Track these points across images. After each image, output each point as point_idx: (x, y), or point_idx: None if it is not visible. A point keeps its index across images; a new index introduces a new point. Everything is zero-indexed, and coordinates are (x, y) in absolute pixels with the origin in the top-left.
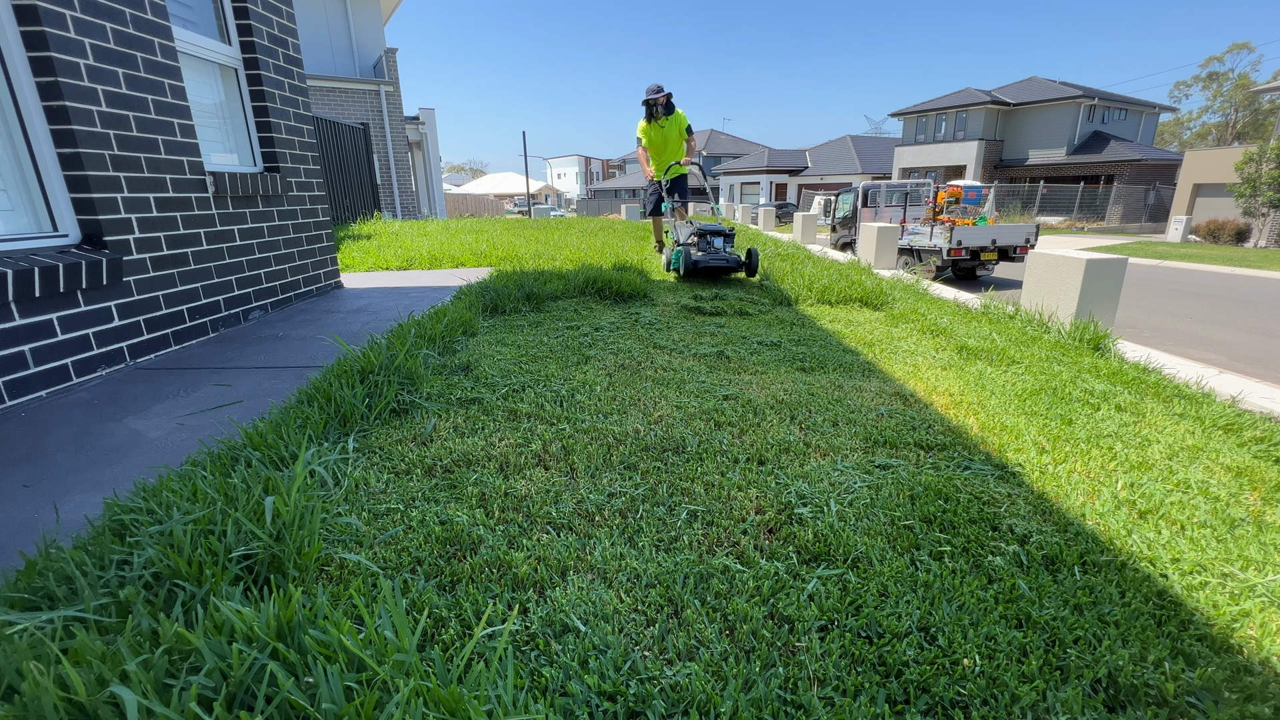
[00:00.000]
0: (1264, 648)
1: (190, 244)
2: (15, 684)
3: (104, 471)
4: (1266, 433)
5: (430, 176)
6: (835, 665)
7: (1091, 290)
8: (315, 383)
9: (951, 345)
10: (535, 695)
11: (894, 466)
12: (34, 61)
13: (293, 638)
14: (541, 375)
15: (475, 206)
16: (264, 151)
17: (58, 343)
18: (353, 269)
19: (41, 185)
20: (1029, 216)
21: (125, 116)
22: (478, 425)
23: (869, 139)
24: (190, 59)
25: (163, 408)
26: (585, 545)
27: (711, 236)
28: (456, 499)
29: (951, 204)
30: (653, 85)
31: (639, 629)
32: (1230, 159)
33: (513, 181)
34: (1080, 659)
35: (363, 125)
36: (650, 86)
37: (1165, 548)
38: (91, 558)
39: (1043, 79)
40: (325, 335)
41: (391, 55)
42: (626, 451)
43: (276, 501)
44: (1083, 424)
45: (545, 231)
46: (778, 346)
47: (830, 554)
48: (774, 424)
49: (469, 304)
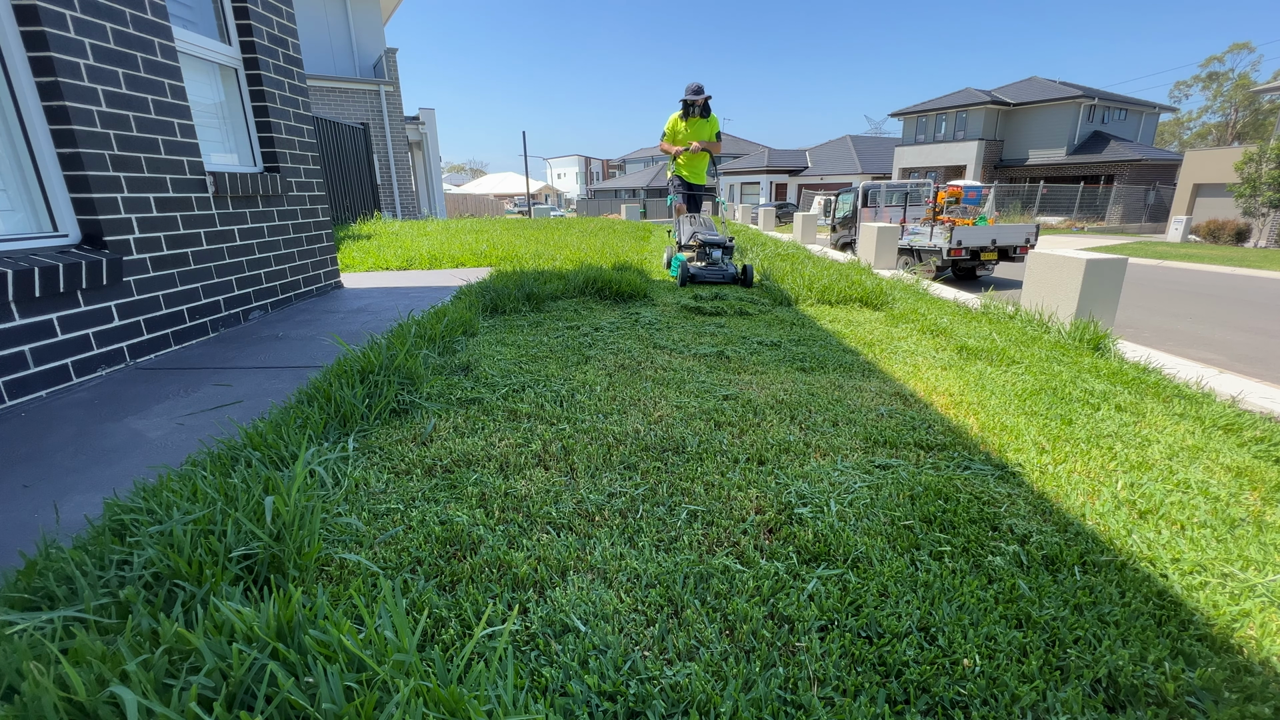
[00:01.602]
0: (1264, 648)
1: (190, 244)
2: (15, 684)
3: (104, 471)
4: (1266, 433)
5: (430, 176)
6: (835, 665)
7: (1091, 290)
8: (315, 383)
9: (951, 345)
10: (535, 695)
11: (894, 466)
12: (34, 61)
13: (293, 638)
14: (541, 375)
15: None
16: (264, 151)
17: (58, 343)
18: (353, 269)
19: (41, 185)
20: (1029, 216)
21: (125, 116)
22: (478, 425)
23: (869, 139)
24: (190, 59)
25: (163, 408)
26: (585, 545)
27: (711, 248)
28: (456, 499)
29: (951, 204)
30: (693, 85)
31: (639, 629)
32: (1230, 159)
33: (513, 181)
34: (1080, 659)
35: (363, 125)
36: (691, 86)
37: (1165, 548)
38: (91, 558)
39: (1043, 79)
40: (325, 335)
41: (391, 55)
42: (626, 451)
43: (276, 501)
44: (1083, 424)
45: (545, 231)
46: (778, 346)
47: (830, 554)
48: (774, 424)
49: (469, 304)
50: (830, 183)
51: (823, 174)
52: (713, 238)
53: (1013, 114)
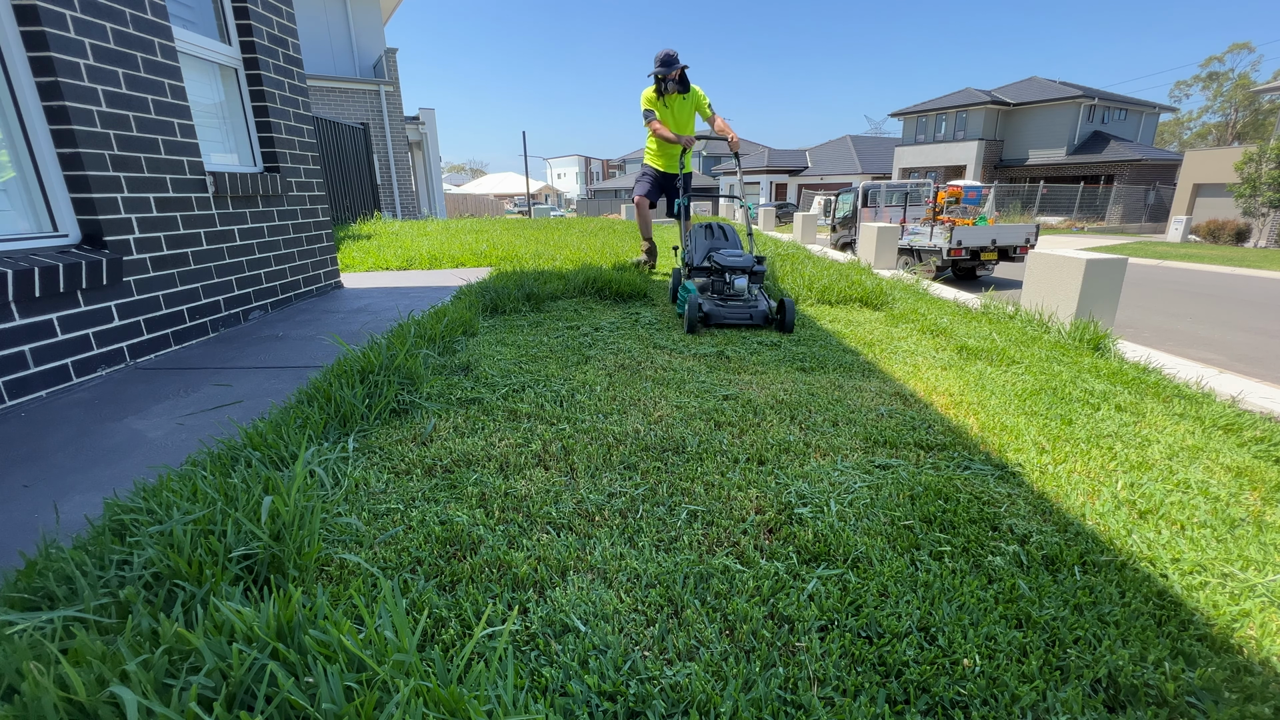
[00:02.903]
0: (1264, 648)
1: (190, 244)
2: (15, 684)
3: (104, 471)
4: (1266, 433)
5: (430, 176)
6: (835, 665)
7: (1091, 290)
8: (315, 383)
9: (951, 345)
10: (535, 695)
11: (894, 466)
12: (34, 61)
13: (293, 638)
14: (541, 375)
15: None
16: (264, 151)
17: (58, 343)
18: (353, 269)
19: (41, 185)
20: (1029, 216)
21: (125, 116)
22: (478, 425)
23: (869, 139)
24: (190, 59)
25: (163, 408)
26: (585, 545)
27: (733, 274)
28: (456, 499)
29: (951, 204)
30: (663, 53)
31: (639, 629)
32: (1230, 159)
33: (513, 181)
34: (1080, 659)
35: (363, 125)
36: (660, 55)
37: (1165, 548)
38: (91, 558)
39: (1043, 79)
40: (325, 335)
41: (391, 55)
42: (626, 451)
43: (276, 501)
44: (1083, 424)
45: (545, 231)
46: (778, 346)
47: (830, 554)
48: (774, 424)
49: (469, 304)
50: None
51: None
52: (735, 259)
53: (1013, 114)
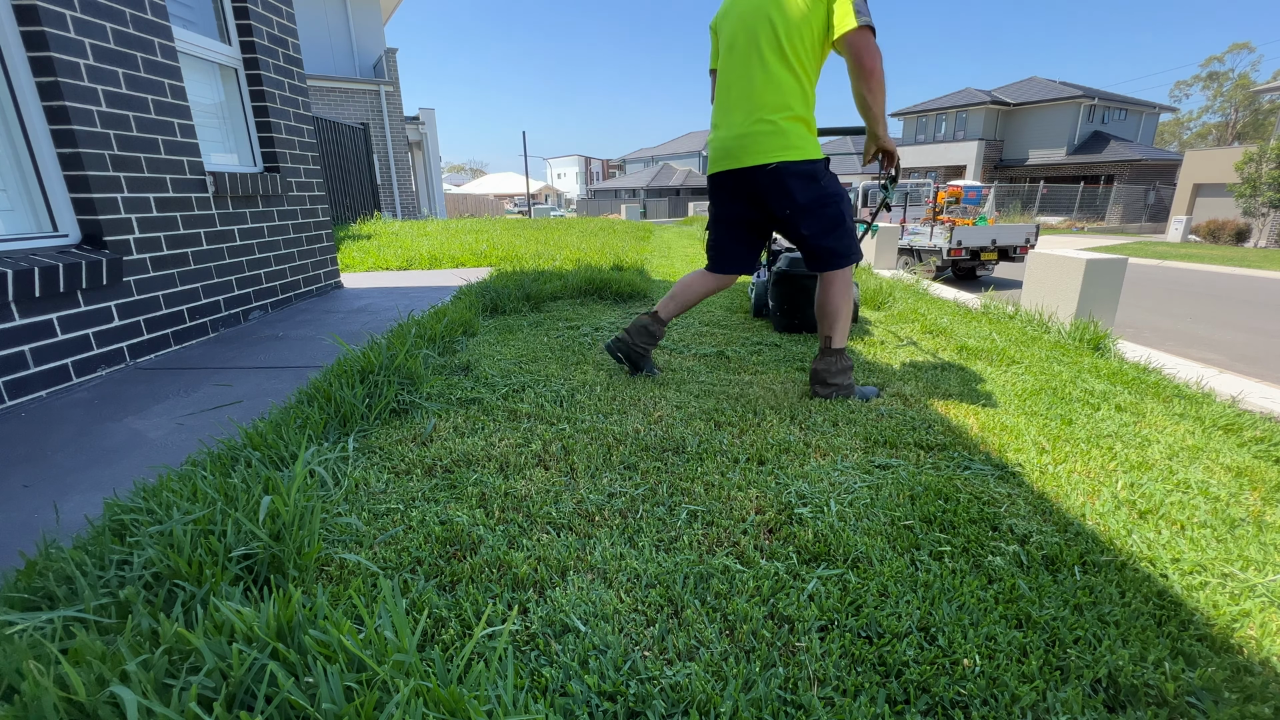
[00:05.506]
0: (1264, 648)
1: (190, 244)
2: (15, 684)
3: (104, 471)
4: (1266, 433)
5: (430, 176)
6: (835, 665)
7: (1091, 290)
8: (315, 383)
9: (951, 345)
10: (535, 695)
11: (894, 466)
12: (34, 61)
13: (293, 638)
14: (541, 375)
15: (475, 206)
16: (264, 151)
17: (58, 343)
18: (353, 269)
19: (41, 185)
20: (1029, 216)
21: (125, 116)
22: (478, 425)
23: None
24: (190, 59)
25: (163, 408)
26: (585, 545)
27: None
28: (456, 499)
29: (951, 204)
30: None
31: (639, 629)
32: (1230, 159)
33: (513, 181)
34: (1080, 659)
35: (363, 125)
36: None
37: (1165, 548)
38: (91, 558)
39: (1043, 79)
40: (325, 335)
41: (391, 55)
42: (626, 451)
43: (276, 501)
44: (1083, 424)
45: (545, 231)
46: (778, 346)
47: (830, 554)
48: (774, 424)
49: (469, 304)
50: None
51: None
52: None
53: (1013, 114)
